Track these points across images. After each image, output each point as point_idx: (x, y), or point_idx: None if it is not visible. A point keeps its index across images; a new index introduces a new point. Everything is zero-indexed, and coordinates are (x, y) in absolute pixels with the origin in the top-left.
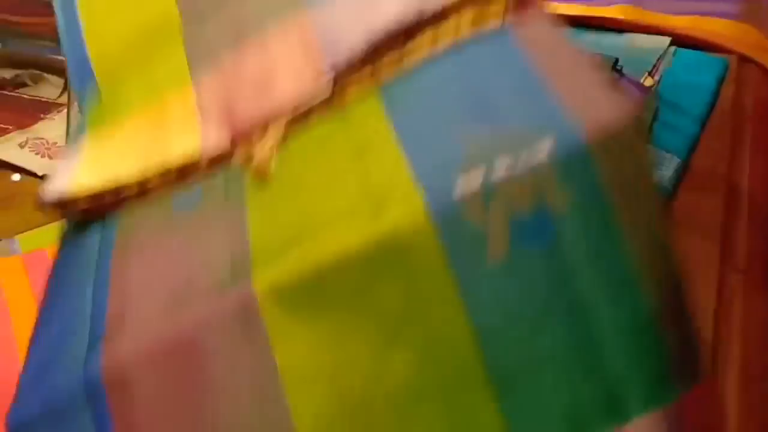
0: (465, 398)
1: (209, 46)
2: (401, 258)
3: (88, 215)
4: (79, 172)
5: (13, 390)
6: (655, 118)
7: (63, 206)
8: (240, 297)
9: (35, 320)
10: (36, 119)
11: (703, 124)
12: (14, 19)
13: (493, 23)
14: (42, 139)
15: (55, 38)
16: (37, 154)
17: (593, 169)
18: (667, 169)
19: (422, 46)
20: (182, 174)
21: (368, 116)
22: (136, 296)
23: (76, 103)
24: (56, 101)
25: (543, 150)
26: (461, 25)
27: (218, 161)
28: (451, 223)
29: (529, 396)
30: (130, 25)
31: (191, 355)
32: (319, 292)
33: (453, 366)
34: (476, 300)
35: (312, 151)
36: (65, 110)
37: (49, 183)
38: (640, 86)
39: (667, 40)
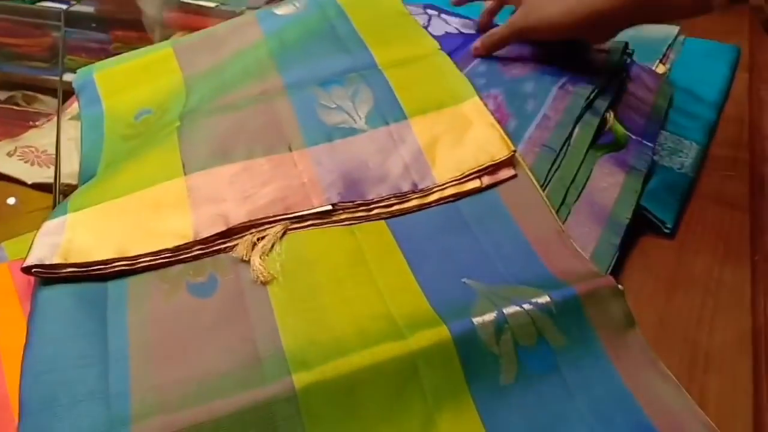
0: None
1: (200, 154)
2: (426, 375)
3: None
4: (66, 241)
5: (2, 408)
6: (670, 104)
7: (48, 271)
8: (284, 389)
9: (24, 356)
10: (25, 129)
11: (720, 111)
12: (8, 41)
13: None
14: (31, 147)
15: (48, 59)
16: (26, 162)
17: (582, 318)
18: (688, 156)
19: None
20: (174, 255)
21: (379, 243)
22: (159, 379)
23: (68, 119)
24: (45, 111)
25: (541, 303)
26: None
27: (210, 246)
28: (470, 346)
29: None
30: (136, 128)
31: None
32: (353, 396)
33: None
34: (493, 415)
35: (325, 264)
36: (55, 119)
37: (33, 250)
38: (653, 73)
39: (675, 29)
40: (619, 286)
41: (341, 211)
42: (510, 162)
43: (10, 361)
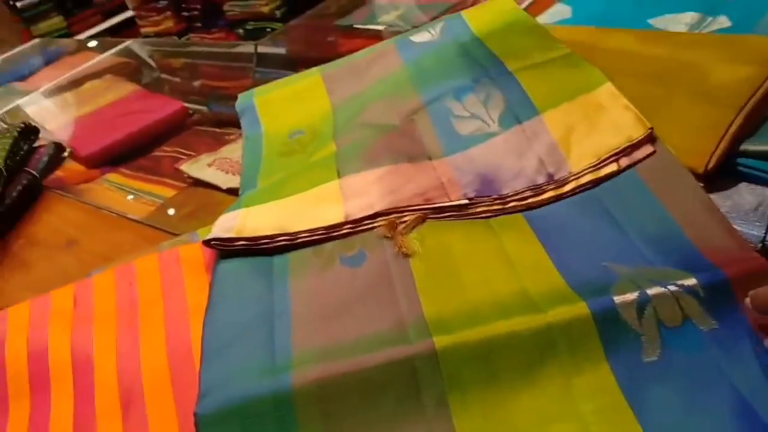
0: None
1: (352, 163)
2: (564, 346)
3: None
4: (240, 224)
5: (187, 357)
6: None
7: (224, 243)
8: (426, 348)
9: (206, 313)
10: (224, 144)
11: None
12: (216, 84)
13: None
14: (227, 158)
15: None
16: (222, 170)
17: (734, 301)
18: None
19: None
20: (328, 232)
21: (516, 231)
22: (316, 336)
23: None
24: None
25: (688, 285)
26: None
27: (358, 225)
28: (611, 323)
29: None
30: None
31: (368, 391)
32: (491, 361)
33: None
34: (634, 387)
35: (463, 247)
36: None
37: (213, 230)
38: None
39: None
40: None
41: (477, 205)
42: (648, 140)
43: (197, 317)
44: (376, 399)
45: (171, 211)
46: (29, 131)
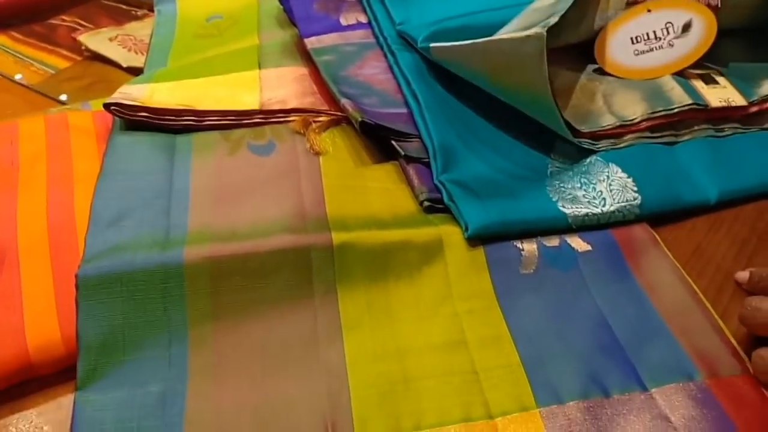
0: (496, 373)
1: (275, 56)
2: (451, 254)
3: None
4: (146, 96)
5: (69, 222)
6: None
7: (125, 112)
8: (323, 241)
9: (98, 180)
10: (129, 20)
11: None
12: None
13: None
14: (131, 36)
15: None
16: (124, 47)
17: (609, 232)
18: None
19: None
20: (238, 118)
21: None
22: (215, 216)
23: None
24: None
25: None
26: None
27: (271, 118)
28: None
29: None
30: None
31: (261, 272)
32: (382, 260)
33: (485, 344)
34: (508, 294)
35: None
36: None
37: (116, 95)
38: None
39: None
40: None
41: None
42: None
43: (82, 184)
44: (267, 281)
45: (63, 83)
46: None
